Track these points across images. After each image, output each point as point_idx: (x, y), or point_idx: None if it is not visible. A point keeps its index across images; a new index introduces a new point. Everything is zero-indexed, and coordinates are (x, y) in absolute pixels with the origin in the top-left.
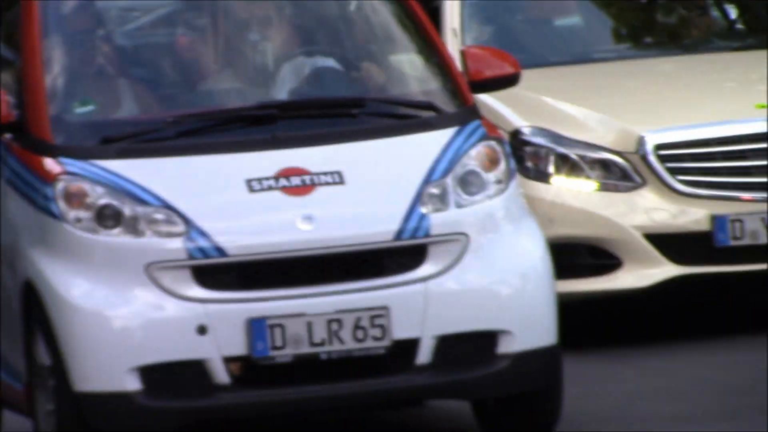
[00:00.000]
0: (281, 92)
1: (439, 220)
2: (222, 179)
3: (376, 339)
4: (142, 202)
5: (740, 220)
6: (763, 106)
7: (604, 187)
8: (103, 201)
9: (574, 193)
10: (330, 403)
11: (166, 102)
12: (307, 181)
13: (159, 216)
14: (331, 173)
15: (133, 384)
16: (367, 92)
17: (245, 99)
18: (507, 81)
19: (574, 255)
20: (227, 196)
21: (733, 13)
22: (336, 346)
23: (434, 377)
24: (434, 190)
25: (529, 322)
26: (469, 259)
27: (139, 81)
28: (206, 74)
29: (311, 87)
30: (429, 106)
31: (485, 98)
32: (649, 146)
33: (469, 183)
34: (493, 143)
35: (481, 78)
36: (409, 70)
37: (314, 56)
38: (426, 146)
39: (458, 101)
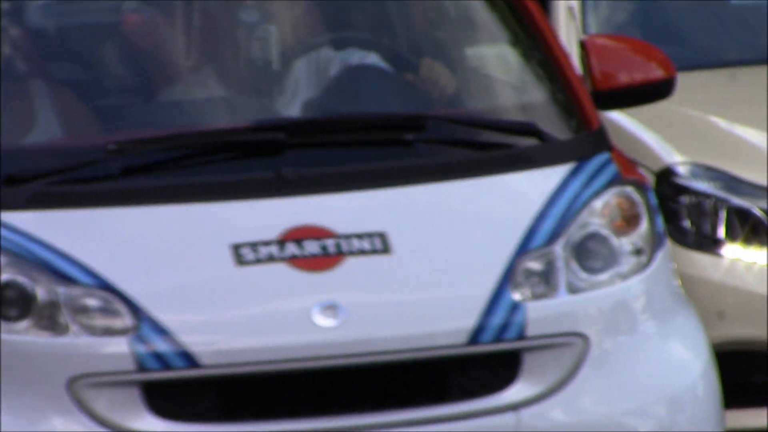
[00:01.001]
0: (292, 106)
1: (540, 313)
2: (194, 244)
3: None
4: (67, 279)
5: None
6: None
7: None
8: (4, 277)
9: (757, 270)
10: None
11: (107, 119)
12: (331, 249)
13: (92, 302)
14: (369, 236)
15: None
16: (429, 106)
17: (234, 115)
18: (654, 91)
19: (755, 370)
20: (202, 272)
21: None
22: None
23: None
24: (534, 265)
25: None
26: (588, 374)
27: (64, 86)
28: (172, 75)
29: (340, 97)
30: (528, 130)
31: (619, 118)
32: None
33: (590, 253)
34: (629, 190)
35: (613, 86)
36: (497, 73)
37: (345, 48)
38: (523, 194)
39: (575, 122)
